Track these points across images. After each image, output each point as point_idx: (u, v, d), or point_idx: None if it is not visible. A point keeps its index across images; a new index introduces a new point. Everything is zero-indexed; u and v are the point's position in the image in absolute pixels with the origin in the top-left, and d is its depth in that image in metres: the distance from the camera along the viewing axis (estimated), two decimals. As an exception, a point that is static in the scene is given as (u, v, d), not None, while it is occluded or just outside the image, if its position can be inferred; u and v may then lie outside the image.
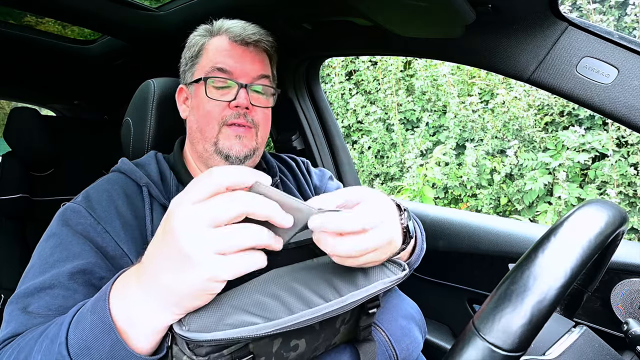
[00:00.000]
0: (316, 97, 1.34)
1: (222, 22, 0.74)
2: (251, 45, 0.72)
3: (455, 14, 0.66)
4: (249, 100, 0.69)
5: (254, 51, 0.73)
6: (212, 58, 0.71)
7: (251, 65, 0.71)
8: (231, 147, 0.69)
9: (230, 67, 0.70)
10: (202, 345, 0.39)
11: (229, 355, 0.40)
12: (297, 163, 0.92)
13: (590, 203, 0.45)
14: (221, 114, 0.69)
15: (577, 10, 2.63)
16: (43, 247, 0.58)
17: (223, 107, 0.69)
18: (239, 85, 0.69)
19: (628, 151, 2.46)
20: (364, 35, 0.93)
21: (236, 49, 0.71)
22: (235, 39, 0.71)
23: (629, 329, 0.55)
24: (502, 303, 0.37)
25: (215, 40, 0.72)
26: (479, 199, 2.91)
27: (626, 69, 0.62)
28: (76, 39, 1.48)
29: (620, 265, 0.78)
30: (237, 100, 0.68)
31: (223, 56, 0.70)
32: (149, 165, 0.71)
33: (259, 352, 0.43)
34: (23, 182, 1.37)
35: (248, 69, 0.71)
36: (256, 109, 0.71)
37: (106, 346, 0.40)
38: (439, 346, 1.08)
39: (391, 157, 3.41)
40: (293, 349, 0.46)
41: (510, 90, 2.80)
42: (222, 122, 0.69)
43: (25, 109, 1.39)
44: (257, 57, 0.73)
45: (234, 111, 0.69)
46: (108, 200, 0.63)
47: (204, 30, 0.74)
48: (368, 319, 0.54)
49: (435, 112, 3.32)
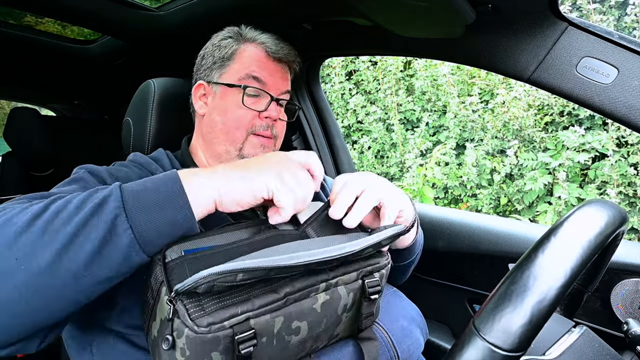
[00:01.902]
0: (316, 97, 1.34)
1: (253, 31, 0.77)
2: (284, 62, 0.77)
3: (455, 14, 0.66)
4: (279, 113, 0.74)
5: (284, 68, 0.78)
6: (247, 65, 0.73)
7: (282, 80, 0.77)
8: (256, 155, 0.70)
9: (265, 78, 0.73)
10: (203, 316, 0.40)
11: (230, 329, 0.41)
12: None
13: (590, 203, 0.45)
14: (251, 122, 0.73)
15: (577, 10, 2.63)
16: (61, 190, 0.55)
17: (253, 115, 0.73)
18: (271, 97, 0.73)
19: (628, 151, 2.46)
20: (364, 35, 0.93)
21: (271, 63, 0.75)
22: (274, 54, 0.75)
23: (629, 329, 0.55)
24: (502, 303, 0.37)
25: (251, 48, 0.75)
26: (479, 199, 2.91)
27: (626, 69, 0.62)
28: (76, 39, 1.48)
29: (620, 265, 0.78)
30: (268, 112, 0.73)
31: (259, 67, 0.74)
32: (163, 160, 0.72)
33: (261, 330, 0.43)
34: (23, 182, 1.37)
35: (279, 84, 0.76)
36: (279, 122, 0.77)
37: (169, 193, 0.44)
38: (439, 346, 1.08)
39: (391, 157, 3.41)
40: (295, 331, 0.46)
41: (510, 90, 2.81)
42: (250, 131, 0.73)
43: (25, 109, 1.39)
44: (286, 74, 0.78)
45: (263, 122, 0.73)
46: (126, 179, 0.63)
47: (235, 33, 0.76)
48: (370, 306, 0.54)
49: (435, 112, 3.33)
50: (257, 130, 0.73)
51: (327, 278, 0.49)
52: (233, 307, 0.42)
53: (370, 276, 0.53)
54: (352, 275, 0.51)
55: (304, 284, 0.47)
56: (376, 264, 0.54)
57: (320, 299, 0.48)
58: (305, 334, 0.48)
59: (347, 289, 0.51)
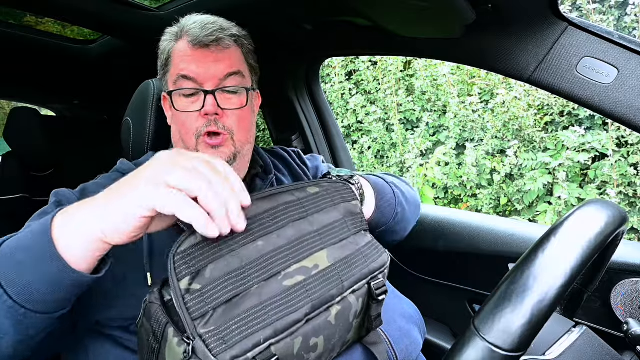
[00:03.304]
0: (316, 97, 1.34)
1: (185, 21, 0.70)
2: (212, 45, 0.67)
3: (455, 14, 0.66)
4: (218, 104, 0.66)
5: (216, 51, 0.68)
6: (177, 65, 0.68)
7: (215, 66, 0.67)
8: None
9: (193, 73, 0.66)
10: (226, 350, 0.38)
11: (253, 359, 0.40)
12: (290, 154, 0.90)
13: (590, 203, 0.45)
14: (195, 125, 0.67)
15: (577, 10, 2.63)
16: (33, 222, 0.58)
17: (195, 117, 0.67)
18: (205, 92, 0.66)
19: (628, 151, 2.45)
20: (364, 35, 0.93)
21: (196, 53, 0.67)
22: (194, 42, 0.67)
23: (629, 329, 0.55)
24: (502, 303, 0.37)
25: (179, 44, 0.69)
26: (479, 199, 2.91)
27: (626, 69, 0.62)
28: (76, 39, 1.48)
29: (620, 265, 0.78)
30: (205, 108, 0.66)
31: (186, 62, 0.67)
32: None
33: (282, 354, 0.42)
34: (23, 182, 1.37)
35: (212, 72, 0.67)
36: (228, 113, 0.68)
37: (38, 247, 0.41)
38: (439, 346, 1.08)
39: (391, 157, 3.41)
40: (312, 348, 0.46)
41: (510, 90, 2.80)
42: (197, 134, 0.67)
43: (25, 109, 1.39)
44: (220, 56, 0.68)
45: (205, 120, 0.66)
46: None
47: (171, 34, 0.71)
48: (378, 307, 0.54)
49: (435, 112, 3.32)
50: (203, 131, 0.66)
51: (342, 292, 0.49)
52: (255, 334, 0.40)
53: (375, 278, 0.53)
54: (360, 282, 0.51)
55: (321, 299, 0.46)
56: (378, 264, 0.54)
57: (334, 311, 0.48)
58: (322, 348, 0.47)
59: (357, 295, 0.51)
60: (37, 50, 1.43)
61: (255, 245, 0.45)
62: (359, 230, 0.56)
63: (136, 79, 0.94)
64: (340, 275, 0.49)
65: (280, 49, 1.15)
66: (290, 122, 1.35)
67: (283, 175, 0.84)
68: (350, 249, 0.52)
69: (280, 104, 1.33)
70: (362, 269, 0.52)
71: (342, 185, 0.59)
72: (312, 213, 0.52)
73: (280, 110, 1.36)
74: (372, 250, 0.56)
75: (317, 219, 0.52)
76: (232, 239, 0.44)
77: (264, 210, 0.48)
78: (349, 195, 0.58)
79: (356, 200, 0.59)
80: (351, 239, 0.54)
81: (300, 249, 0.48)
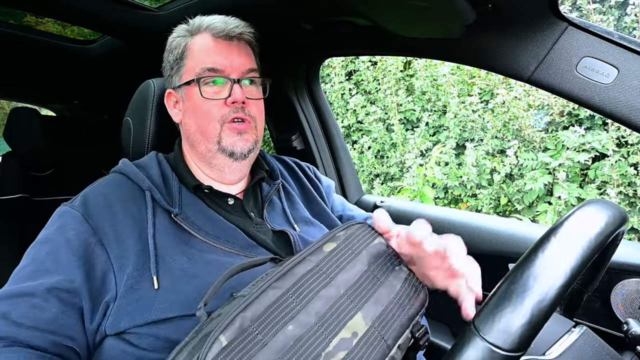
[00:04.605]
0: (316, 97, 1.34)
1: (200, 19, 0.73)
2: (235, 39, 0.72)
3: (455, 13, 0.67)
4: (244, 94, 0.70)
5: (239, 44, 0.73)
6: (198, 58, 0.70)
7: (238, 58, 0.71)
8: (234, 144, 0.70)
9: (219, 64, 0.70)
10: None
11: None
12: (302, 168, 0.92)
13: (590, 203, 0.44)
14: (220, 113, 0.69)
15: (577, 10, 2.63)
16: (38, 250, 0.59)
17: (220, 105, 0.69)
18: (232, 81, 0.70)
19: (628, 151, 2.46)
20: (364, 35, 0.93)
21: (221, 45, 0.71)
22: (219, 34, 0.70)
23: (629, 329, 0.55)
24: (502, 303, 0.37)
25: (198, 39, 0.71)
26: (479, 199, 2.91)
27: (626, 69, 0.62)
28: (76, 39, 1.48)
29: (620, 265, 0.78)
30: (232, 96, 0.69)
31: (210, 54, 0.70)
32: (151, 167, 0.70)
33: None
34: (23, 182, 1.37)
35: (237, 64, 0.71)
36: (251, 103, 0.72)
37: None
38: (439, 346, 1.08)
39: (391, 157, 3.41)
40: None
41: (510, 90, 2.80)
42: (222, 120, 0.69)
43: (25, 109, 1.39)
44: (243, 51, 0.73)
45: (231, 107, 0.70)
46: (105, 207, 0.62)
47: (183, 30, 0.73)
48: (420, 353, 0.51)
49: (435, 112, 3.32)
50: (229, 117, 0.69)
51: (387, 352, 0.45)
52: None
53: (417, 324, 0.50)
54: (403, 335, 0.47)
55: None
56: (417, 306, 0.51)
57: None
58: None
59: (401, 348, 0.47)
60: (37, 50, 1.43)
61: (285, 331, 0.41)
62: (390, 270, 0.52)
63: (136, 79, 0.94)
64: (382, 334, 0.45)
65: (280, 49, 1.15)
66: (290, 122, 1.35)
67: (289, 184, 0.85)
68: (384, 300, 0.48)
69: (280, 104, 1.33)
70: (402, 318, 0.48)
71: (358, 227, 0.54)
72: (335, 275, 0.48)
73: (280, 110, 1.36)
74: (410, 289, 0.51)
75: (341, 279, 0.48)
76: (259, 332, 0.40)
77: (285, 289, 0.44)
78: (369, 235, 0.54)
79: (378, 236, 0.55)
80: (384, 287, 0.50)
81: (333, 320, 0.44)
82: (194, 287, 0.57)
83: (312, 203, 0.85)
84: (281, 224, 0.74)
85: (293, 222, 0.76)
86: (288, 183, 0.85)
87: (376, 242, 0.54)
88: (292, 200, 0.81)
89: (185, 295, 0.57)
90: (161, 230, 0.62)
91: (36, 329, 0.52)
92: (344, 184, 1.38)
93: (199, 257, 0.61)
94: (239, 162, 0.72)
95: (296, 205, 0.81)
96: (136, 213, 0.63)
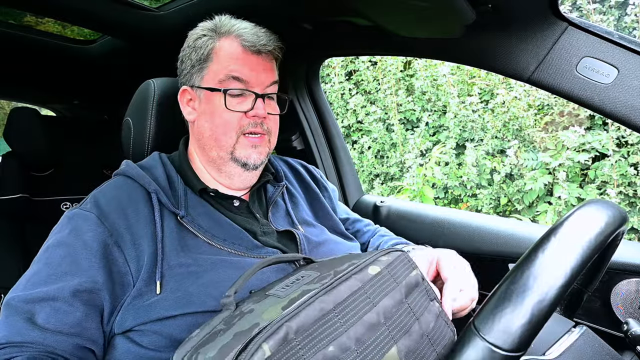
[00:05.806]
0: (316, 97, 1.34)
1: (228, 21, 0.72)
2: (263, 53, 0.72)
3: (455, 13, 0.66)
4: (266, 110, 0.71)
5: (266, 59, 0.73)
6: (225, 65, 0.70)
7: (264, 73, 0.72)
8: (249, 156, 0.70)
9: (245, 75, 0.70)
10: None
11: None
12: (309, 170, 0.92)
13: (590, 203, 0.44)
14: (239, 124, 0.70)
15: (577, 10, 2.63)
16: (52, 254, 0.59)
17: (240, 117, 0.70)
18: (256, 95, 0.70)
19: (628, 151, 2.46)
20: (364, 35, 0.93)
21: (250, 58, 0.71)
22: (250, 48, 0.70)
23: (629, 329, 0.55)
24: (502, 303, 0.37)
25: (226, 44, 0.70)
26: (479, 199, 2.91)
27: (626, 69, 0.62)
28: (76, 39, 1.48)
29: (620, 265, 0.78)
30: (255, 110, 0.70)
31: (237, 64, 0.70)
32: (156, 168, 0.70)
33: None
34: (23, 182, 1.37)
35: (262, 78, 0.72)
36: (269, 117, 0.73)
37: None
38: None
39: (391, 157, 3.41)
40: None
41: (510, 90, 2.80)
42: (239, 132, 0.70)
43: (25, 109, 1.39)
44: (268, 65, 0.73)
45: (251, 120, 0.70)
46: (118, 209, 0.63)
47: (209, 30, 0.72)
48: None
49: (435, 112, 3.32)
50: (247, 130, 0.70)
51: None
52: None
53: None
54: None
55: None
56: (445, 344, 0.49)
57: None
58: None
59: None
60: (37, 50, 1.43)
61: (326, 352, 0.40)
62: (425, 305, 0.51)
63: (136, 79, 0.94)
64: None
65: (281, 49, 1.15)
66: (290, 122, 1.35)
67: (292, 186, 0.85)
68: (416, 335, 0.47)
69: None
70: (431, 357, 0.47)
71: (399, 256, 0.53)
72: (377, 302, 0.46)
73: (280, 110, 1.35)
74: (440, 325, 0.51)
75: (382, 307, 0.46)
76: (302, 347, 0.39)
77: (332, 307, 0.43)
78: (409, 265, 0.53)
79: (415, 268, 0.54)
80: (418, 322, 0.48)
81: (372, 350, 0.42)
82: (199, 286, 0.58)
83: (316, 205, 0.85)
84: (285, 225, 0.75)
85: (297, 223, 0.76)
86: (292, 185, 0.85)
87: (414, 274, 0.53)
88: (296, 202, 0.82)
89: (189, 294, 0.57)
90: (168, 233, 0.62)
91: (61, 333, 0.53)
92: (344, 184, 1.38)
93: (205, 259, 0.61)
94: (249, 172, 0.73)
95: (299, 206, 0.81)
96: (147, 216, 0.63)
